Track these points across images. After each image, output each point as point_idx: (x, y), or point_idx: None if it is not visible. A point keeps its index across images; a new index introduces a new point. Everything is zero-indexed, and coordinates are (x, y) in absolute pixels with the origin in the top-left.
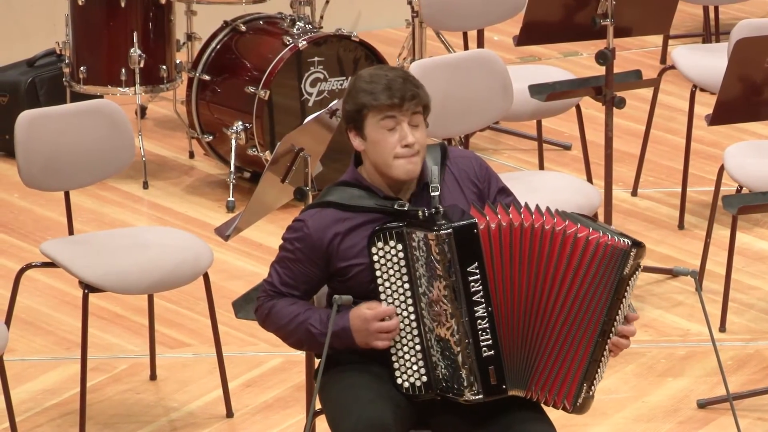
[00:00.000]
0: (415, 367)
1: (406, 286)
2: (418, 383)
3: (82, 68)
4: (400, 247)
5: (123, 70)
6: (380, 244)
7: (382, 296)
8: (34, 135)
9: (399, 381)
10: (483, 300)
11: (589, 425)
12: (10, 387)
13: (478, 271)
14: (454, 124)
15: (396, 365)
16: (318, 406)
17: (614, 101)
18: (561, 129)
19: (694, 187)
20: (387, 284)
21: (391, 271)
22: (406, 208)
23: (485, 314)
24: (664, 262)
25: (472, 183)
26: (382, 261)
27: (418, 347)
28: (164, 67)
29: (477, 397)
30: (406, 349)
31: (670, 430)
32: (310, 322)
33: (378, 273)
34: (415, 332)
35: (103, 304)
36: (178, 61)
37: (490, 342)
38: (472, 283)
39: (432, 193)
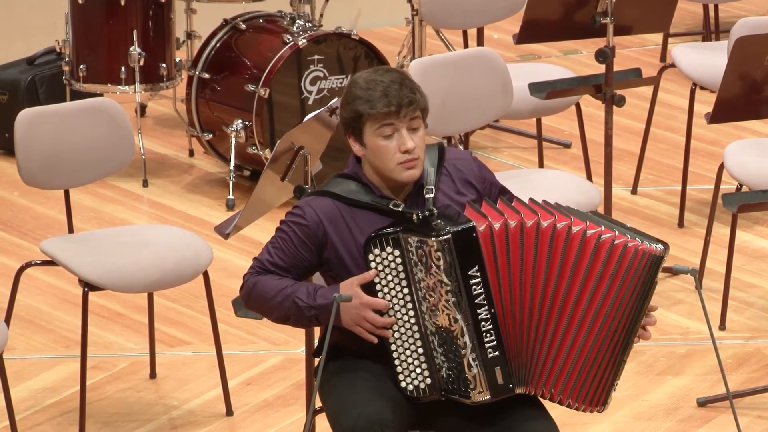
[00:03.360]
0: (418, 370)
1: (405, 291)
2: (422, 385)
3: (81, 66)
4: (397, 252)
5: (123, 69)
6: (377, 251)
7: None
8: (34, 133)
9: (403, 384)
10: (485, 302)
11: (589, 423)
12: (9, 385)
13: (479, 273)
14: (454, 123)
15: (399, 369)
16: (318, 404)
17: (614, 99)
18: (561, 127)
19: (693, 185)
20: (386, 290)
21: (389, 277)
22: (400, 209)
23: (488, 316)
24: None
25: (471, 185)
26: (380, 267)
27: (420, 350)
28: (164, 65)
29: (484, 399)
30: (408, 353)
31: (670, 429)
32: (297, 295)
33: (376, 279)
34: (417, 336)
35: (103, 303)
36: (177, 60)
37: (494, 343)
38: (474, 287)
39: (426, 195)
